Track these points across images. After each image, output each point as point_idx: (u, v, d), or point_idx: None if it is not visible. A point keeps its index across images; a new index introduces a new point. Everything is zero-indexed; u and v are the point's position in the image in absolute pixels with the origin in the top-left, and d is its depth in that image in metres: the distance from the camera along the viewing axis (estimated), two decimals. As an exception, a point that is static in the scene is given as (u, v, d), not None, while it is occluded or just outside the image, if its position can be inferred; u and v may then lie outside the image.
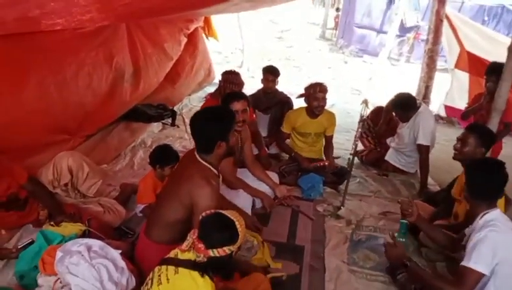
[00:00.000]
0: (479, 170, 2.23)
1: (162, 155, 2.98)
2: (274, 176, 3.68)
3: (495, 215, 2.14)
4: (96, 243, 2.24)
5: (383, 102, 4.67)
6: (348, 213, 3.47)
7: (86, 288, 2.00)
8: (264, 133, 4.68)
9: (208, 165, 2.27)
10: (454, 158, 2.93)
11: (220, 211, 1.94)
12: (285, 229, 3.21)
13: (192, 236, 1.87)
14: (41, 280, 2.14)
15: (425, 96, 6.59)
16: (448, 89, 6.46)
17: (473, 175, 2.25)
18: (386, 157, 4.39)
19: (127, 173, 3.80)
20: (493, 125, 3.41)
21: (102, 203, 3.02)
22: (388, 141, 4.47)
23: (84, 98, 3.73)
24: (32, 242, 2.46)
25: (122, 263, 2.22)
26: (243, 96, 3.24)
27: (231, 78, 3.89)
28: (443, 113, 6.68)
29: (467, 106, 4.01)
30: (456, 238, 2.44)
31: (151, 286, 1.85)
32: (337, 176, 3.93)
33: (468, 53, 6.07)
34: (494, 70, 3.55)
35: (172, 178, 2.42)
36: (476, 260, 2.01)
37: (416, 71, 7.12)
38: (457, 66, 6.24)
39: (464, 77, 6.11)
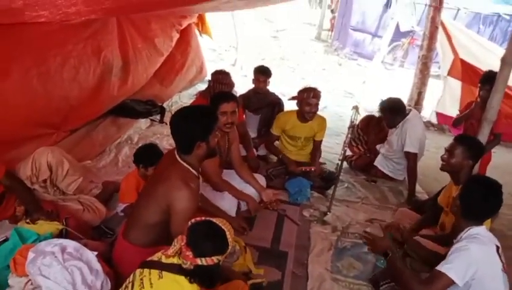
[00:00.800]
0: (477, 191, 2.16)
1: (146, 155, 2.90)
2: (261, 179, 3.62)
3: (479, 230, 2.12)
4: (71, 244, 2.16)
5: (375, 106, 4.63)
6: (335, 219, 3.43)
7: (57, 291, 1.92)
8: (253, 134, 4.62)
9: (187, 166, 2.19)
10: (441, 169, 2.88)
11: (211, 219, 1.87)
12: (270, 234, 3.15)
13: (180, 242, 1.80)
14: (12, 280, 2.05)
15: (418, 103, 6.58)
16: (440, 96, 6.45)
17: (470, 195, 2.18)
18: (375, 163, 4.36)
19: (111, 170, 3.72)
20: (483, 135, 3.39)
21: (82, 201, 2.93)
22: (378, 147, 4.43)
23: (69, 91, 3.64)
24: (6, 239, 2.38)
25: (97, 266, 2.14)
26: (232, 98, 3.17)
27: (221, 78, 3.82)
28: (434, 120, 6.67)
29: (458, 113, 3.99)
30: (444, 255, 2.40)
31: (131, 289, 1.79)
32: (325, 181, 3.88)
33: (462, 61, 6.05)
34: (488, 79, 3.53)
35: (151, 178, 2.35)
36: (449, 266, 2.00)
37: (409, 77, 7.09)
38: (450, 73, 6.22)
39: (456, 84, 6.09)
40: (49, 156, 2.88)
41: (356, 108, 3.21)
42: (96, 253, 2.20)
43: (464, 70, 5.96)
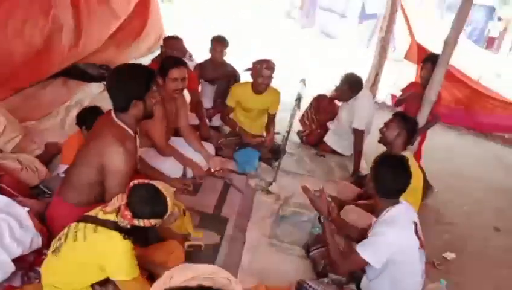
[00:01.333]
0: (386, 169, 2.21)
1: (89, 116, 2.84)
2: (210, 147, 3.66)
3: (398, 211, 2.18)
4: (0, 199, 2.13)
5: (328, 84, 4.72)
6: (279, 189, 3.52)
7: (-18, 244, 1.91)
8: (208, 104, 4.62)
9: (123, 125, 2.19)
10: (378, 141, 3.04)
11: (154, 183, 1.90)
12: (213, 201, 3.21)
13: (120, 201, 1.82)
14: None
15: (374, 84, 6.74)
16: (395, 79, 6.64)
17: (380, 174, 2.22)
18: (325, 139, 4.48)
19: (56, 132, 3.61)
20: (423, 115, 3.55)
21: (22, 160, 2.87)
22: (329, 123, 4.55)
23: (13, 46, 3.49)
24: None
25: (28, 221, 2.14)
26: (182, 63, 3.15)
27: (172, 44, 3.77)
28: (389, 102, 6.88)
29: (401, 93, 4.14)
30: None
31: (64, 241, 1.81)
32: (273, 153, 3.95)
33: (418, 45, 6.24)
34: (430, 59, 3.67)
35: (87, 138, 2.33)
36: (365, 247, 2.09)
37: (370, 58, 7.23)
38: (406, 57, 6.40)
39: (412, 68, 6.29)
40: (-15, 112, 2.78)
41: (303, 81, 3.27)
42: (27, 209, 2.19)
43: (420, 54, 6.14)
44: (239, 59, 4.83)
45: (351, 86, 4.19)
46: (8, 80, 3.59)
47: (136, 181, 1.84)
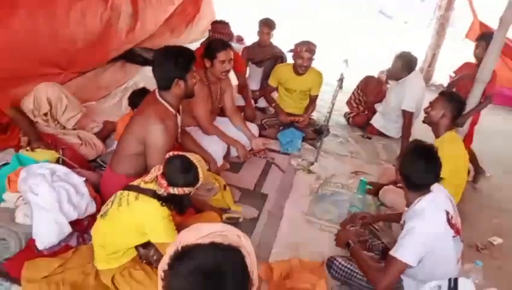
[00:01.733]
0: (410, 161, 2.10)
1: (138, 98, 3.04)
2: (254, 128, 3.76)
3: (427, 202, 2.09)
4: (61, 169, 2.40)
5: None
6: (321, 169, 3.56)
7: (44, 206, 2.17)
8: (256, 86, 4.72)
9: (166, 104, 2.36)
10: (423, 121, 2.96)
11: (187, 154, 2.05)
12: (255, 178, 3.33)
13: (157, 171, 1.99)
14: (6, 195, 2.32)
15: (431, 64, 6.46)
16: (455, 60, 6.28)
17: (405, 167, 2.11)
18: (372, 121, 4.42)
19: (113, 112, 3.91)
20: (475, 96, 3.39)
21: (81, 136, 3.16)
22: (376, 105, 4.47)
23: (75, 34, 3.81)
24: (7, 163, 2.64)
25: (84, 189, 2.39)
26: (228, 45, 3.27)
27: (219, 28, 3.90)
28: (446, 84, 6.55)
29: (454, 74, 3.95)
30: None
31: (111, 206, 2.02)
32: (318, 134, 3.98)
33: (481, 23, 5.85)
34: (484, 37, 3.48)
35: (134, 114, 2.53)
36: (402, 251, 2.00)
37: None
38: (468, 36, 6.03)
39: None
40: (48, 91, 3.09)
41: (346, 61, 3.25)
42: (84, 179, 2.45)
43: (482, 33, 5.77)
44: (287, 40, 4.86)
45: (404, 64, 4.09)
46: (72, 64, 3.91)
47: (171, 153, 2.00)
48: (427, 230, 2.02)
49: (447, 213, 2.12)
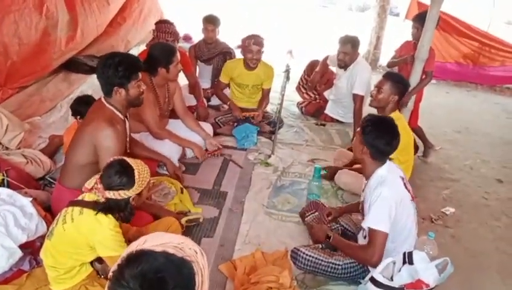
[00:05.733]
0: (375, 130, 2.20)
1: (81, 106, 2.94)
2: (207, 127, 3.73)
3: (384, 170, 2.20)
4: (3, 191, 2.29)
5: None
6: (277, 161, 3.60)
7: (-10, 233, 2.06)
8: (207, 84, 4.68)
9: (112, 109, 2.33)
10: (370, 105, 3.05)
11: (125, 157, 2.00)
12: (213, 177, 3.31)
13: (96, 176, 1.94)
14: None
15: (376, 47, 6.65)
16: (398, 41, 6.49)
17: (370, 136, 2.19)
18: (326, 111, 4.51)
19: (61, 125, 3.75)
20: (416, 73, 3.52)
21: (26, 154, 3.01)
22: (326, 94, 4.56)
23: (9, 47, 3.62)
24: None
25: (31, 209, 2.28)
26: (174, 48, 3.26)
27: (164, 28, 3.82)
28: (394, 65, 6.77)
29: (394, 53, 4.09)
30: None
31: (56, 225, 1.94)
32: (273, 126, 4.01)
33: (419, 3, 6.08)
34: (418, 18, 3.62)
35: (82, 123, 2.47)
36: (377, 221, 2.09)
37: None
38: (407, 16, 6.25)
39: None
40: (-15, 113, 2.93)
41: (290, 52, 3.28)
42: (31, 199, 2.34)
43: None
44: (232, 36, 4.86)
45: (353, 45, 4.15)
46: (9, 79, 3.71)
47: (111, 158, 1.95)
48: (392, 194, 2.13)
49: (402, 179, 2.27)
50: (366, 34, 6.71)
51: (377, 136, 2.19)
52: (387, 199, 2.11)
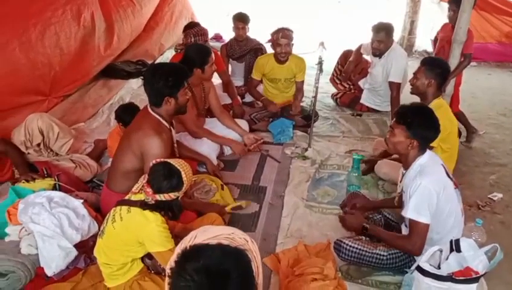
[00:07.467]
0: (419, 118, 2.16)
1: (125, 113, 3.05)
2: (244, 124, 3.77)
3: (425, 159, 2.18)
4: (57, 195, 2.42)
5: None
6: (315, 154, 3.58)
7: (47, 234, 2.20)
8: (240, 82, 4.73)
9: (159, 118, 2.41)
10: (411, 93, 2.99)
11: (168, 160, 2.07)
12: (251, 173, 3.35)
13: (142, 180, 2.03)
14: (9, 229, 2.34)
15: (411, 32, 6.46)
16: (434, 24, 6.29)
17: (415, 123, 2.14)
18: (362, 101, 4.44)
19: (104, 129, 3.92)
20: (455, 56, 3.42)
21: (74, 159, 3.18)
22: (361, 83, 4.50)
23: (52, 58, 3.81)
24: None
25: (83, 211, 2.41)
26: (209, 49, 3.34)
27: (196, 31, 3.89)
28: (430, 49, 6.55)
29: (435, 36, 3.96)
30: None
31: (106, 224, 2.05)
32: (307, 119, 4.00)
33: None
34: (454, 0, 3.49)
35: (127, 130, 2.56)
36: (417, 212, 2.08)
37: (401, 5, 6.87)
38: (443, -3, 6.04)
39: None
40: (38, 121, 3.10)
41: (322, 44, 3.26)
42: (82, 200, 2.47)
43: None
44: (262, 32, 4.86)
45: (387, 32, 4.07)
46: (54, 89, 3.92)
47: (153, 161, 2.02)
48: (432, 183, 2.10)
49: (443, 167, 2.22)
50: (399, 20, 6.54)
51: (426, 127, 2.17)
52: (427, 189, 2.08)
